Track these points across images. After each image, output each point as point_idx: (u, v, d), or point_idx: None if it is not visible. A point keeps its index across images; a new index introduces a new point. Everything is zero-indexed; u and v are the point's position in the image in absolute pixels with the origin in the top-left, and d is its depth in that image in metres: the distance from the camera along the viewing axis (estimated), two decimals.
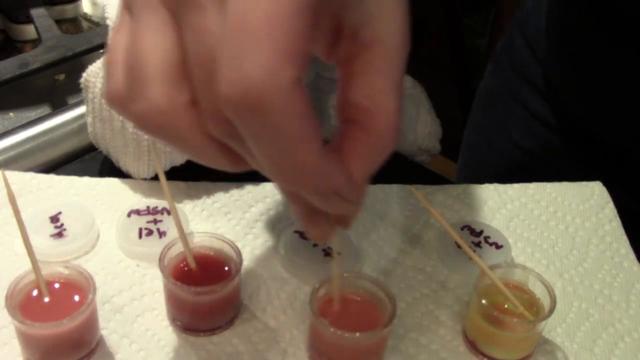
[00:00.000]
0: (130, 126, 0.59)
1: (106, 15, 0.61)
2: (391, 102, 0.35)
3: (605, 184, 0.66)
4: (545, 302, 0.51)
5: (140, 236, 0.57)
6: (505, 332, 0.50)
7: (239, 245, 0.52)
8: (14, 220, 0.49)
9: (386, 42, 0.35)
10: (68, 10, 0.89)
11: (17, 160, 0.64)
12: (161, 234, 0.57)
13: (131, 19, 0.35)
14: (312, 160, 0.32)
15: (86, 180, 0.63)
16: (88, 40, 0.77)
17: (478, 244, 0.59)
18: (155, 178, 0.62)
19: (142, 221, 0.58)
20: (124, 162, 0.62)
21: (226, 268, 0.51)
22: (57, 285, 0.49)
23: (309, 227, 0.40)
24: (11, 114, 0.74)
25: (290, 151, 0.31)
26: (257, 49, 0.29)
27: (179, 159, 0.61)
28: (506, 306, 0.51)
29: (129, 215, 0.58)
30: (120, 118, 0.59)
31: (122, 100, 0.34)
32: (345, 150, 0.36)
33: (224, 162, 0.35)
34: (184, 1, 0.33)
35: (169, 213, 0.58)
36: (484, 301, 0.50)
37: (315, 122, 0.32)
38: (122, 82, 0.34)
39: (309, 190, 0.34)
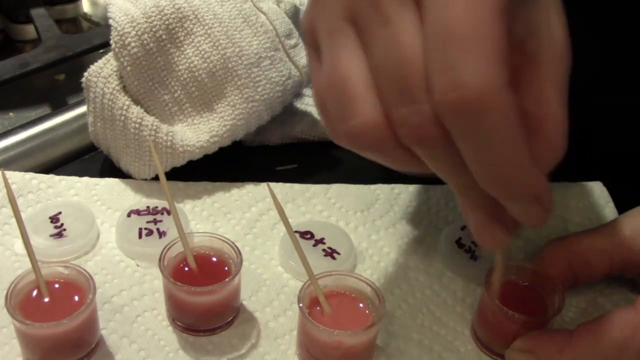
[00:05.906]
0: (132, 127, 0.59)
1: (109, 14, 0.61)
2: (560, 110, 0.37)
3: (605, 184, 0.66)
4: (554, 299, 0.50)
5: (140, 236, 0.57)
6: (517, 330, 0.49)
7: (239, 245, 0.52)
8: (14, 220, 0.49)
9: (552, 54, 0.37)
10: (68, 10, 0.89)
11: (17, 160, 0.64)
12: (161, 234, 0.57)
13: (325, 50, 0.37)
14: (524, 162, 0.34)
15: (86, 180, 0.63)
16: (88, 40, 0.77)
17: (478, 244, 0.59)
18: (156, 178, 0.62)
19: (142, 221, 0.58)
20: (125, 162, 0.62)
21: (226, 268, 0.51)
22: (57, 285, 0.49)
23: (485, 236, 0.41)
24: (11, 114, 0.74)
25: (506, 154, 0.33)
26: (470, 56, 0.31)
27: (179, 159, 0.61)
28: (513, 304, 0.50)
29: (129, 215, 0.58)
30: (122, 118, 0.59)
31: (331, 123, 0.37)
32: None
33: (414, 165, 0.37)
34: (370, 17, 0.34)
35: (169, 213, 0.58)
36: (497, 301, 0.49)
37: (524, 128, 0.33)
38: (331, 106, 0.37)
39: (517, 194, 0.36)
